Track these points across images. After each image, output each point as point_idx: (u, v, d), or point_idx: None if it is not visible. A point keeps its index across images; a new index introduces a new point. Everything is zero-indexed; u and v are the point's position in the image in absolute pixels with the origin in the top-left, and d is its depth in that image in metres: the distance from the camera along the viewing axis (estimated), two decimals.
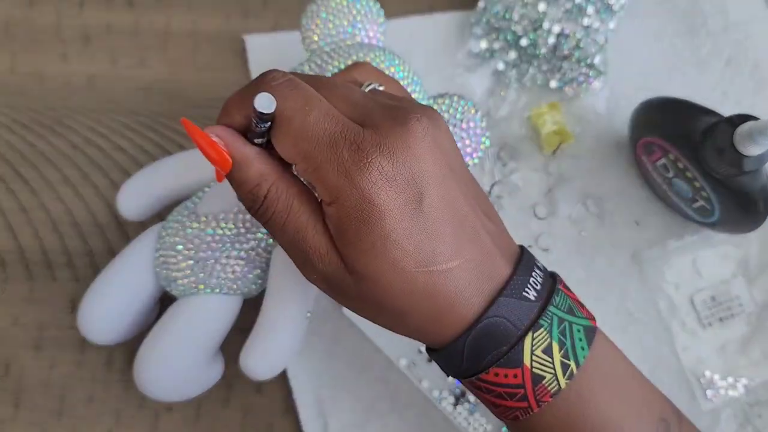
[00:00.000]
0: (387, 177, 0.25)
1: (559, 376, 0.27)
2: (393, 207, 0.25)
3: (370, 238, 0.25)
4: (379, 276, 0.26)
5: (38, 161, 0.49)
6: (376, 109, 0.27)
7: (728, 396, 0.45)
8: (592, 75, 0.48)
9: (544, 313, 0.27)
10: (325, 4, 0.41)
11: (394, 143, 0.26)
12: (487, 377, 0.27)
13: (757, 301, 0.46)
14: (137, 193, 0.42)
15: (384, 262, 0.26)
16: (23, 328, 0.46)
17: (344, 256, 0.26)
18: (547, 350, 0.27)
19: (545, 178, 0.48)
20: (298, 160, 0.26)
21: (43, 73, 0.50)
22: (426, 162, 0.26)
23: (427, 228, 0.26)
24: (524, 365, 0.27)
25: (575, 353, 0.28)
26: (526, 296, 0.27)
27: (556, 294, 0.28)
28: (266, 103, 0.25)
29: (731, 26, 0.50)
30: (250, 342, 0.38)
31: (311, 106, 0.26)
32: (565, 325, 0.28)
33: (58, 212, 0.48)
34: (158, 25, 0.51)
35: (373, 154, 0.25)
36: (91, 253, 0.47)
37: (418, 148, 0.26)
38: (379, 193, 0.25)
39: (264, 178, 0.27)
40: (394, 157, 0.25)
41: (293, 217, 0.27)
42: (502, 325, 0.27)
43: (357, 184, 0.25)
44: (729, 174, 0.38)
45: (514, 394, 0.27)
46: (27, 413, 0.45)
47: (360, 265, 0.26)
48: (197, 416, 0.45)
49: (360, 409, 0.45)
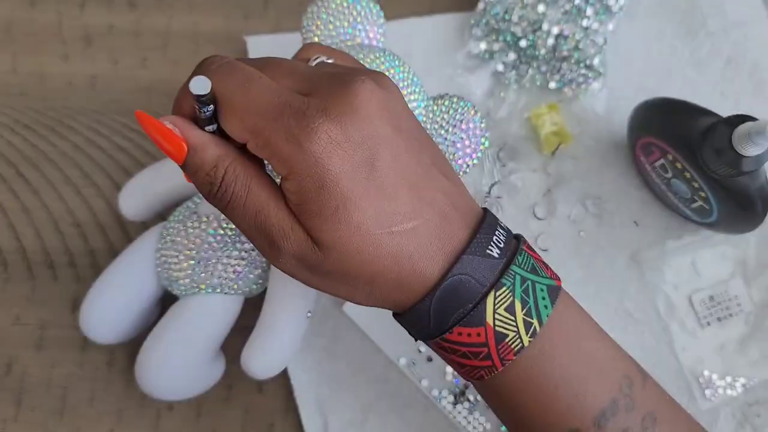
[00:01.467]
0: (336, 141, 0.25)
1: (522, 334, 0.27)
2: (347, 169, 0.25)
3: (331, 204, 0.25)
4: (345, 242, 0.26)
5: (40, 161, 0.49)
6: (320, 78, 0.27)
7: (727, 395, 0.45)
8: (591, 76, 0.48)
9: (507, 272, 0.27)
10: (325, 5, 0.41)
11: (340, 107, 0.26)
12: (451, 337, 0.27)
13: (755, 301, 0.46)
14: (139, 193, 0.42)
15: (348, 227, 0.26)
16: (25, 327, 0.46)
17: (309, 229, 0.26)
18: (509, 308, 0.27)
19: (544, 178, 0.48)
20: (248, 136, 0.26)
21: (45, 73, 0.50)
22: (374, 123, 0.26)
23: (384, 189, 0.26)
24: (487, 324, 0.27)
25: (538, 312, 0.28)
26: (490, 254, 0.27)
27: (519, 254, 0.28)
28: (201, 86, 0.25)
29: (730, 27, 0.50)
30: (251, 341, 0.39)
31: (251, 83, 0.26)
32: (528, 284, 0.28)
33: (59, 212, 0.48)
34: (159, 25, 0.51)
35: (319, 119, 0.25)
36: (93, 253, 0.47)
37: (364, 109, 0.26)
38: (330, 157, 0.25)
39: (220, 160, 0.27)
40: (341, 120, 0.25)
41: (253, 196, 0.27)
42: (467, 282, 0.27)
43: (307, 151, 0.25)
44: (727, 174, 0.38)
45: (478, 353, 0.28)
46: (28, 413, 0.45)
47: (326, 233, 0.26)
48: (198, 415, 0.45)
49: (360, 408, 0.45)
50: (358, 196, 0.26)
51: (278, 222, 0.27)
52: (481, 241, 0.28)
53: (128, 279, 0.40)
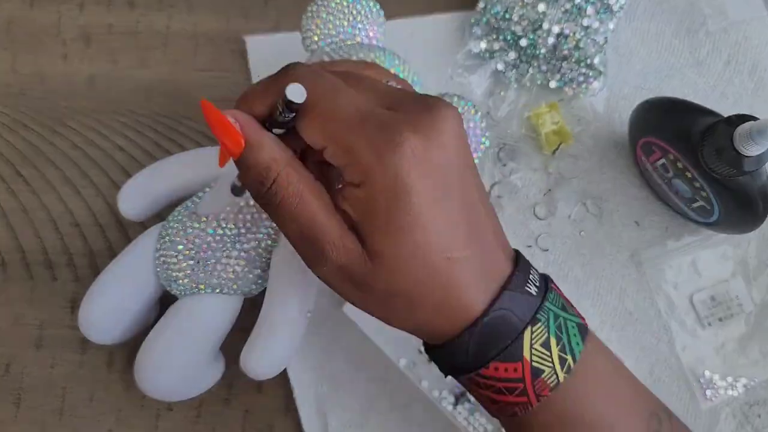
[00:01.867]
0: (419, 158, 0.25)
1: (557, 369, 0.27)
2: (423, 189, 0.25)
3: (400, 220, 0.25)
4: (401, 261, 0.26)
5: (39, 161, 0.49)
6: (404, 97, 0.27)
7: (727, 395, 0.45)
8: (591, 75, 0.48)
9: (541, 308, 0.28)
10: (325, 4, 0.41)
11: (427, 126, 0.26)
12: (487, 372, 0.27)
13: (756, 301, 0.46)
14: (138, 193, 0.42)
15: (410, 245, 0.26)
16: (24, 327, 0.46)
17: (369, 241, 0.26)
18: (545, 344, 0.27)
19: (545, 178, 0.48)
20: (328, 142, 0.26)
21: (44, 73, 0.50)
22: (454, 149, 0.26)
23: (451, 215, 0.26)
24: (524, 358, 0.27)
25: (571, 348, 0.28)
26: (528, 291, 0.28)
27: (550, 291, 0.29)
28: (298, 93, 0.25)
29: (730, 27, 0.50)
30: (251, 341, 0.39)
31: (338, 91, 0.26)
32: (561, 320, 0.28)
33: (58, 212, 0.48)
34: (159, 25, 0.51)
35: (405, 133, 0.25)
36: (92, 253, 0.47)
37: (448, 134, 0.26)
38: (410, 173, 0.25)
39: (275, 162, 0.27)
40: (426, 139, 0.25)
41: (304, 204, 0.27)
42: (508, 317, 0.27)
43: (388, 162, 0.25)
44: (728, 174, 0.38)
45: (514, 388, 0.27)
46: (28, 412, 0.45)
47: (387, 247, 0.26)
48: (198, 416, 0.45)
49: (360, 408, 0.45)
50: (429, 220, 0.26)
51: (329, 231, 0.27)
52: (520, 278, 0.28)
53: (127, 279, 0.40)
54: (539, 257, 0.47)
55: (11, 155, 0.49)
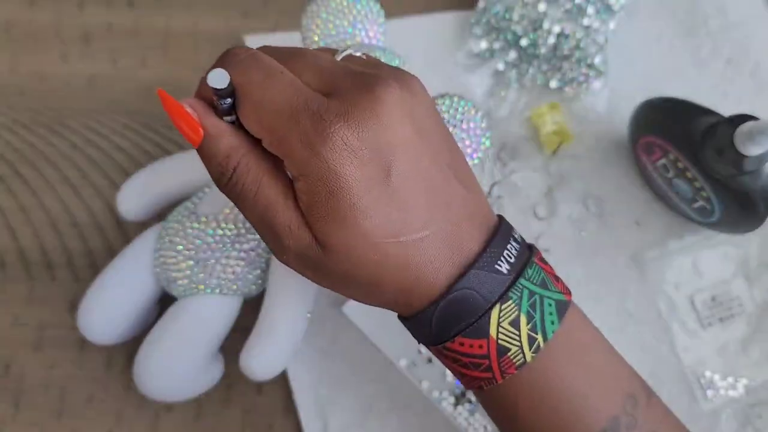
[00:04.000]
0: (351, 148, 0.25)
1: (525, 349, 0.27)
2: (360, 178, 0.25)
3: (340, 211, 0.25)
4: (350, 248, 0.26)
5: (38, 161, 0.49)
6: (344, 77, 0.27)
7: (728, 396, 0.45)
8: (592, 75, 0.48)
9: (515, 286, 0.27)
10: (325, 4, 0.41)
11: (360, 112, 0.25)
12: (452, 346, 0.27)
13: (757, 302, 0.46)
14: (137, 193, 0.42)
15: (355, 234, 0.26)
16: (23, 328, 0.46)
17: (315, 231, 0.26)
18: (514, 323, 0.27)
19: (545, 178, 0.48)
20: (264, 134, 0.26)
21: (44, 73, 0.50)
22: (395, 131, 0.26)
23: (397, 198, 0.26)
24: (490, 336, 0.27)
25: (544, 327, 0.27)
26: (498, 269, 0.27)
27: (530, 266, 0.28)
28: (219, 79, 0.25)
29: (731, 26, 0.50)
30: (251, 342, 0.38)
31: (272, 79, 0.26)
32: (536, 298, 0.28)
33: (57, 212, 0.48)
34: (158, 25, 0.51)
35: (336, 124, 0.25)
36: (91, 253, 0.47)
37: (386, 116, 0.25)
38: (344, 164, 0.25)
39: (234, 151, 0.27)
40: (359, 127, 0.25)
41: (263, 191, 0.27)
42: (471, 297, 0.27)
43: (321, 156, 0.25)
44: (729, 174, 0.38)
45: (479, 364, 0.27)
46: (27, 413, 0.45)
47: (331, 238, 0.26)
48: (197, 416, 0.45)
49: (360, 409, 0.45)
50: (368, 205, 0.25)
51: (284, 220, 0.27)
52: (492, 255, 0.27)
53: (127, 279, 0.40)
54: None
55: (10, 155, 0.49)
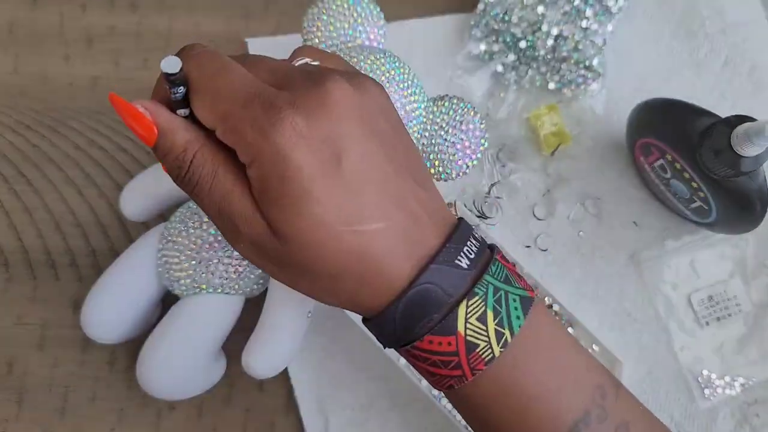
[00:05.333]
0: (301, 134, 0.25)
1: (493, 344, 0.27)
2: (309, 163, 0.25)
3: (290, 195, 0.26)
4: (303, 235, 0.26)
5: (41, 162, 0.49)
6: (296, 74, 0.27)
7: (726, 395, 0.45)
8: (590, 77, 0.49)
9: (480, 282, 0.27)
10: (326, 6, 0.41)
11: (309, 102, 0.26)
12: (421, 345, 0.27)
13: (754, 301, 0.46)
14: (140, 193, 0.42)
15: (307, 219, 0.26)
16: (26, 327, 0.46)
17: (269, 218, 0.26)
18: (481, 318, 0.27)
19: (544, 179, 0.49)
20: (217, 123, 0.26)
21: (47, 74, 0.51)
22: (342, 123, 0.26)
23: (349, 187, 0.26)
24: (458, 333, 0.27)
25: (510, 322, 0.28)
26: (458, 264, 0.27)
27: (493, 264, 0.28)
28: (171, 65, 0.26)
29: (729, 28, 0.50)
30: (252, 341, 0.39)
31: (226, 70, 0.27)
32: (501, 294, 0.28)
33: (61, 212, 0.48)
34: (160, 27, 0.51)
35: (286, 111, 0.25)
36: (94, 253, 0.48)
37: (336, 108, 0.26)
38: (293, 149, 0.25)
39: (189, 144, 0.27)
40: (308, 115, 0.26)
41: (219, 181, 0.27)
42: (433, 291, 0.27)
43: (271, 140, 0.25)
44: (726, 175, 0.38)
45: (449, 362, 0.27)
46: (30, 412, 0.45)
47: (284, 224, 0.26)
48: (200, 415, 0.45)
49: (360, 408, 0.45)
50: (320, 191, 0.26)
51: (240, 208, 0.27)
52: (451, 250, 0.28)
53: (130, 279, 0.41)
54: (538, 257, 0.48)
55: (14, 156, 0.49)
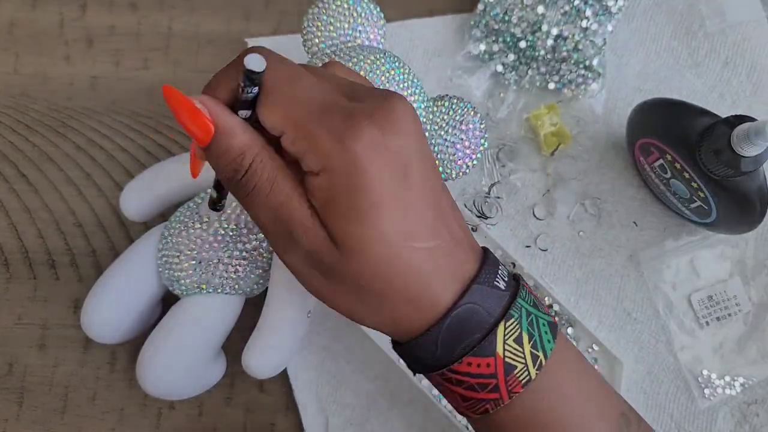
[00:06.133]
0: (378, 145, 0.25)
1: (529, 366, 0.27)
2: (383, 175, 0.25)
3: (361, 206, 0.25)
4: (366, 247, 0.26)
5: (41, 162, 0.49)
6: (362, 88, 0.27)
7: (725, 395, 0.45)
8: (590, 77, 0.49)
9: (514, 305, 0.28)
10: (326, 7, 0.41)
11: (383, 115, 0.26)
12: (459, 367, 0.27)
13: (754, 301, 0.47)
14: (140, 193, 0.42)
15: (373, 232, 0.25)
16: (27, 327, 0.47)
17: (332, 228, 0.26)
18: (518, 340, 0.27)
19: (544, 179, 0.49)
20: (288, 128, 0.26)
21: (47, 74, 0.51)
22: (410, 138, 0.26)
23: (413, 203, 0.26)
24: (497, 354, 0.27)
25: (543, 345, 0.28)
26: (497, 285, 0.28)
27: (522, 289, 0.29)
28: (257, 62, 0.25)
29: (728, 28, 0.50)
30: (252, 341, 0.39)
31: (301, 77, 0.26)
32: (533, 317, 0.28)
33: (61, 212, 0.48)
34: (161, 27, 0.51)
35: (364, 121, 0.25)
36: (95, 253, 0.48)
37: (404, 123, 0.26)
38: (370, 159, 0.25)
39: (249, 148, 0.26)
40: (383, 127, 0.26)
41: (278, 188, 0.26)
42: (476, 312, 0.27)
43: (349, 150, 0.25)
44: (726, 175, 0.38)
45: (486, 384, 0.27)
46: (30, 412, 0.45)
47: (349, 236, 0.26)
48: (200, 414, 0.45)
49: (360, 407, 0.45)
50: (389, 204, 0.25)
51: (300, 217, 0.26)
52: (490, 272, 0.28)
53: (130, 279, 0.41)
54: (538, 257, 0.48)
55: (14, 156, 0.49)
